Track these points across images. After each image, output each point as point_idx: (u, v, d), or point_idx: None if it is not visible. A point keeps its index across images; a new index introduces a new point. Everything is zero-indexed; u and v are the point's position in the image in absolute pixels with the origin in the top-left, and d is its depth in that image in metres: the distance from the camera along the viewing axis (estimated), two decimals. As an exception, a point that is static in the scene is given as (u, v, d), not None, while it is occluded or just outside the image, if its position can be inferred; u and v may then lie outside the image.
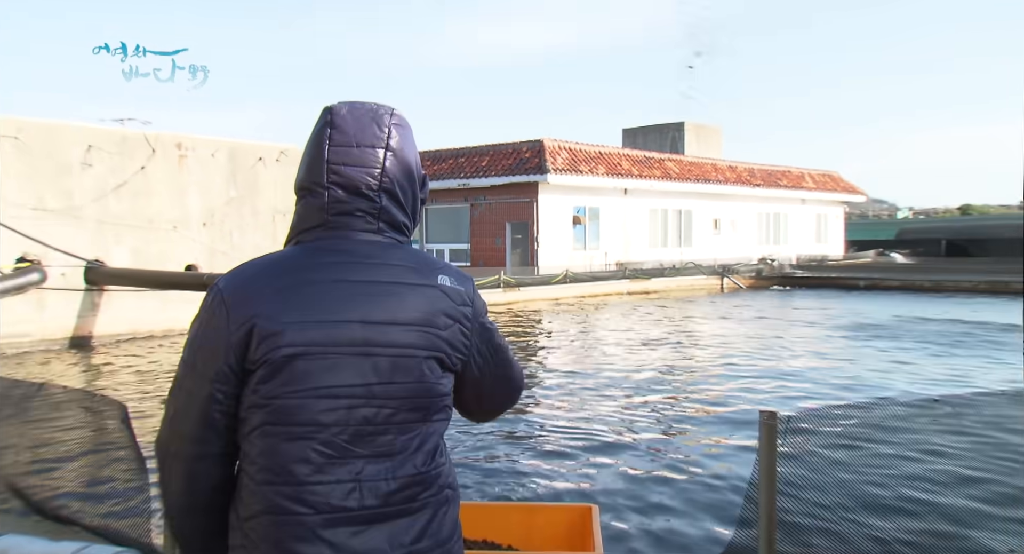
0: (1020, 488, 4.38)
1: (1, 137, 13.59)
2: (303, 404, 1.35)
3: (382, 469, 1.37)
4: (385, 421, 1.37)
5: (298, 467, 1.34)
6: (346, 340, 1.36)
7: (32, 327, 13.97)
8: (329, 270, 1.40)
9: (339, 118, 1.45)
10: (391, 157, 1.45)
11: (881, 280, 27.29)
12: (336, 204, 1.43)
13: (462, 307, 1.46)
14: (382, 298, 1.39)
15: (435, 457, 1.44)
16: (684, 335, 15.57)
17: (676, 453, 6.75)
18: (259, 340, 1.35)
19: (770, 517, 2.44)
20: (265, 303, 1.36)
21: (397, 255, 1.45)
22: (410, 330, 1.39)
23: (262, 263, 1.43)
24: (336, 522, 1.33)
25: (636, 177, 29.45)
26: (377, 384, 1.37)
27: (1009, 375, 10.65)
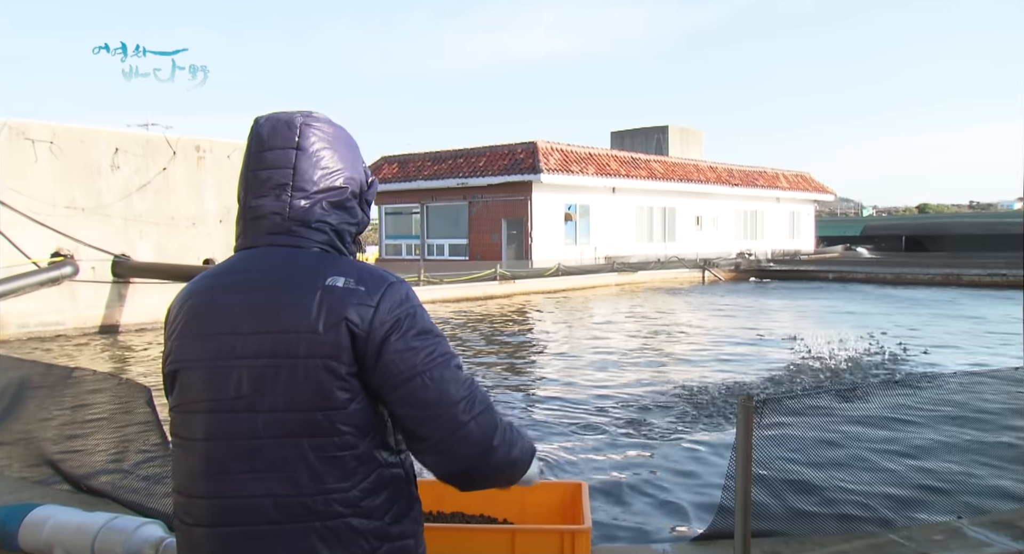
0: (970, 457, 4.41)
1: (37, 142, 13.55)
2: (187, 418, 1.27)
3: (261, 487, 1.20)
4: (264, 435, 1.21)
5: (185, 479, 1.27)
6: (224, 352, 1.23)
7: (65, 316, 13.97)
8: (226, 280, 1.31)
9: (259, 127, 1.36)
10: (302, 156, 1.32)
11: (848, 273, 27.37)
12: (250, 210, 1.34)
13: (356, 306, 1.22)
14: (263, 305, 1.24)
15: (323, 480, 1.21)
16: (667, 322, 15.59)
17: (664, 432, 6.76)
18: (165, 354, 1.33)
19: (746, 495, 2.45)
20: (175, 316, 1.33)
21: (296, 261, 1.29)
22: (285, 337, 1.21)
23: (197, 277, 1.38)
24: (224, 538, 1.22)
25: (623, 177, 29.42)
26: (249, 396, 1.22)
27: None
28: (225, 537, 1.22)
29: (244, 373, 1.22)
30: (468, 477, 1.32)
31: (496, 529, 2.35)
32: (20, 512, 2.82)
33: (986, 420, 4.64)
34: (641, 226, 31.34)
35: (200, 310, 1.29)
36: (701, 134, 39.77)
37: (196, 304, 1.30)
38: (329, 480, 1.21)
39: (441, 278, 21.07)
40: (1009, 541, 2.74)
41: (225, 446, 1.22)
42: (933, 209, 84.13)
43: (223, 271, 1.33)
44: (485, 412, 1.31)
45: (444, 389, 1.26)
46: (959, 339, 12.79)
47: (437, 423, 1.25)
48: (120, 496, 3.44)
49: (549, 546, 2.20)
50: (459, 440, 1.26)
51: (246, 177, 1.35)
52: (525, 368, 10.68)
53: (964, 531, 2.86)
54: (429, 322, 1.31)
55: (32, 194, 13.47)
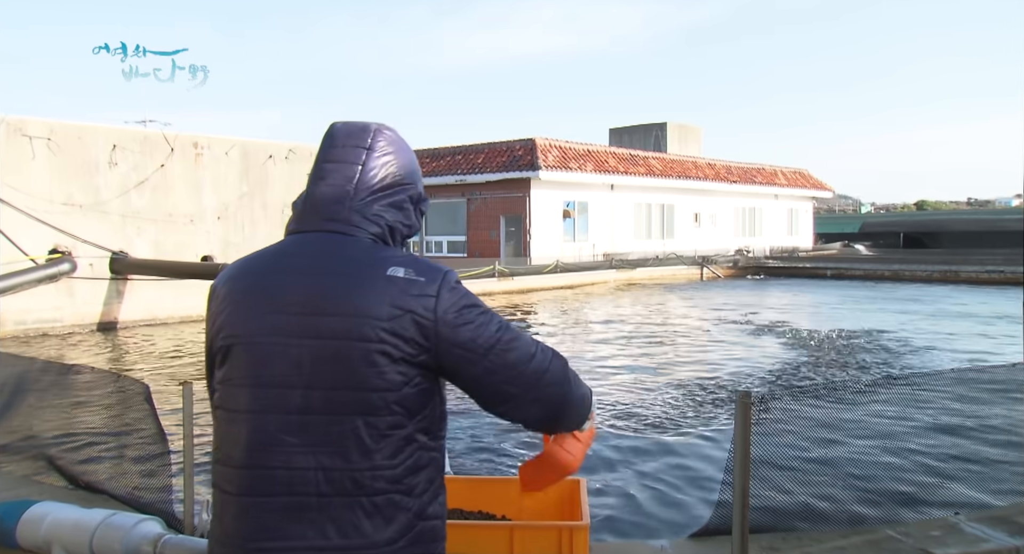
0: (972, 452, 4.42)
1: (35, 138, 13.53)
2: (239, 391, 1.32)
3: (310, 460, 1.27)
4: (316, 411, 1.27)
5: (234, 451, 1.31)
6: (280, 330, 1.30)
7: (64, 313, 13.96)
8: (281, 262, 1.37)
9: (335, 129, 1.49)
10: (371, 155, 1.44)
11: (846, 270, 27.39)
12: (312, 196, 1.43)
13: (418, 296, 1.30)
14: (322, 288, 1.31)
15: (373, 457, 1.28)
16: (665, 319, 15.60)
17: (661, 429, 6.77)
18: (216, 330, 1.37)
19: (744, 491, 2.45)
20: (225, 295, 1.38)
21: (353, 248, 1.37)
22: (346, 320, 1.28)
23: (244, 258, 1.44)
24: (265, 507, 1.27)
25: (622, 173, 29.41)
26: (309, 375, 1.28)
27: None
28: (271, 507, 1.27)
29: (304, 351, 1.28)
30: (560, 413, 1.47)
31: (494, 525, 2.35)
32: (18, 509, 2.82)
33: (983, 416, 4.65)
34: (639, 223, 31.34)
35: (257, 289, 1.35)
36: (700, 131, 39.78)
37: (252, 284, 1.36)
38: (378, 457, 1.28)
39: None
40: (1006, 537, 2.75)
41: (278, 419, 1.28)
42: (931, 206, 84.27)
43: (277, 252, 1.40)
44: (554, 355, 1.46)
45: (519, 347, 1.39)
46: (955, 334, 12.81)
47: (525, 377, 1.38)
48: (118, 492, 3.44)
49: (547, 542, 2.20)
50: (547, 383, 1.41)
51: (315, 168, 1.46)
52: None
53: (961, 527, 2.87)
54: (479, 302, 1.42)
55: (30, 191, 13.45)
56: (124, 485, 3.56)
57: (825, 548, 2.70)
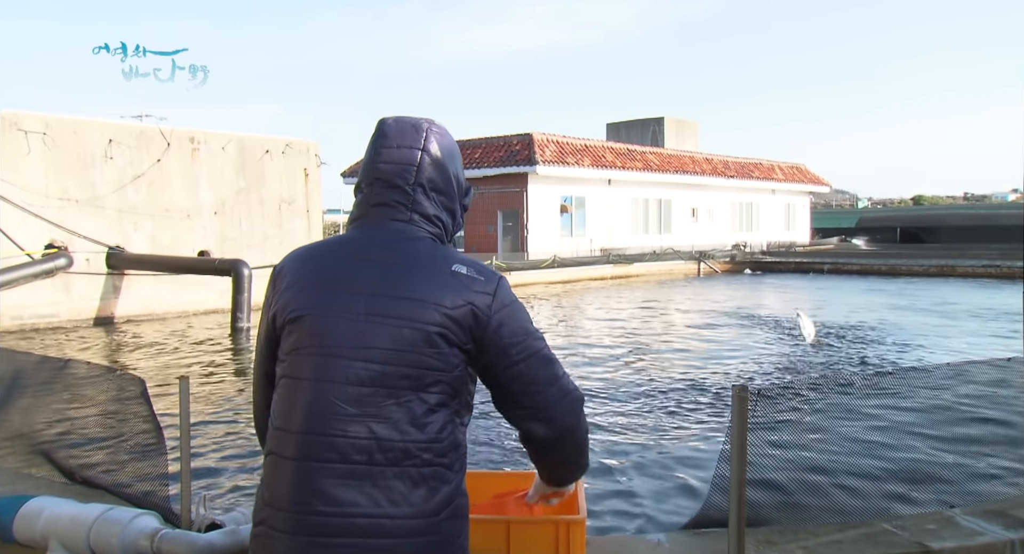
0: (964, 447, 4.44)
1: (30, 133, 13.49)
2: (307, 360, 1.40)
3: (366, 429, 1.36)
4: (375, 383, 1.37)
5: (294, 417, 1.39)
6: (349, 307, 1.40)
7: (60, 308, 13.94)
8: (351, 249, 1.48)
9: (386, 126, 1.55)
10: (426, 157, 1.52)
11: (843, 264, 27.43)
12: (376, 195, 1.52)
13: (479, 293, 1.45)
14: (391, 275, 1.43)
15: (424, 430, 1.39)
16: (662, 314, 15.61)
17: (658, 423, 6.78)
18: (283, 306, 1.46)
19: (741, 484, 2.46)
20: (293, 273, 1.49)
21: (419, 244, 1.49)
22: (413, 303, 1.40)
23: (309, 245, 1.56)
24: (320, 472, 1.35)
25: (619, 168, 29.40)
26: (372, 350, 1.38)
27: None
28: (326, 473, 1.34)
29: (371, 327, 1.39)
30: (563, 442, 1.56)
31: (491, 519, 2.35)
32: (14, 504, 2.82)
33: (978, 409, 4.67)
34: (637, 218, 31.34)
35: (330, 270, 1.45)
36: (697, 126, 39.76)
37: (324, 266, 1.47)
38: (429, 430, 1.39)
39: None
40: (1001, 530, 2.76)
41: (340, 389, 1.37)
42: (928, 201, 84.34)
43: (347, 241, 1.50)
44: (576, 389, 1.56)
45: (550, 368, 1.51)
46: (952, 328, 12.84)
47: (547, 394, 1.49)
48: (115, 487, 3.44)
49: (544, 537, 2.20)
50: (563, 409, 1.52)
51: (372, 167, 1.53)
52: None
53: (957, 520, 2.88)
54: (527, 312, 1.54)
55: (25, 185, 13.41)
56: (121, 480, 3.55)
57: (822, 541, 2.71)
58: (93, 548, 2.55)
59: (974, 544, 2.68)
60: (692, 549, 2.75)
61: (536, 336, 1.51)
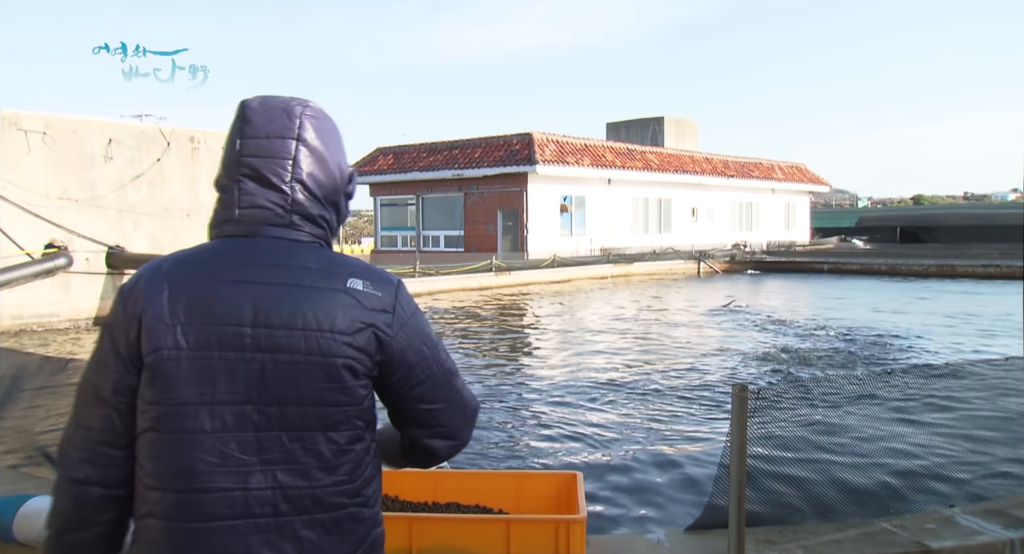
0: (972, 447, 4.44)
1: (30, 132, 13.49)
2: (186, 410, 1.20)
3: (268, 479, 1.19)
4: (274, 428, 1.20)
5: (179, 474, 1.19)
6: (232, 344, 1.20)
7: (59, 308, 13.94)
8: (224, 268, 1.25)
9: (250, 111, 1.31)
10: (303, 148, 1.30)
11: (843, 264, 27.44)
12: (246, 197, 1.29)
13: (378, 312, 1.26)
14: (277, 300, 1.22)
15: (335, 473, 1.23)
16: (662, 313, 15.61)
17: (658, 422, 6.78)
18: (145, 339, 1.22)
19: (740, 484, 2.46)
20: (155, 300, 1.22)
21: (303, 256, 1.27)
22: (308, 335, 1.21)
23: (168, 259, 1.29)
24: (221, 531, 1.19)
25: (619, 168, 29.40)
26: (266, 391, 1.20)
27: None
28: (225, 531, 1.19)
29: (261, 366, 1.20)
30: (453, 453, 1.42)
31: (491, 519, 2.35)
32: (15, 503, 2.81)
33: (977, 409, 4.67)
34: (636, 217, 31.34)
35: (205, 298, 1.22)
36: (697, 125, 39.74)
37: (194, 291, 1.23)
38: (339, 472, 1.24)
39: (436, 270, 21.06)
40: (1001, 529, 2.76)
41: (234, 438, 1.19)
42: (928, 200, 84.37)
43: (224, 257, 1.27)
44: (473, 397, 1.42)
45: (453, 384, 1.37)
46: (951, 328, 12.84)
47: (452, 413, 1.36)
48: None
49: (544, 536, 2.20)
50: (464, 423, 1.39)
51: (238, 162, 1.30)
52: (520, 359, 10.69)
53: (956, 519, 2.88)
54: (426, 319, 1.37)
55: (25, 185, 13.41)
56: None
57: (821, 541, 2.71)
58: (93, 548, 2.55)
59: (974, 543, 2.68)
60: (692, 548, 2.75)
61: (439, 348, 1.35)
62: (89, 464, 1.25)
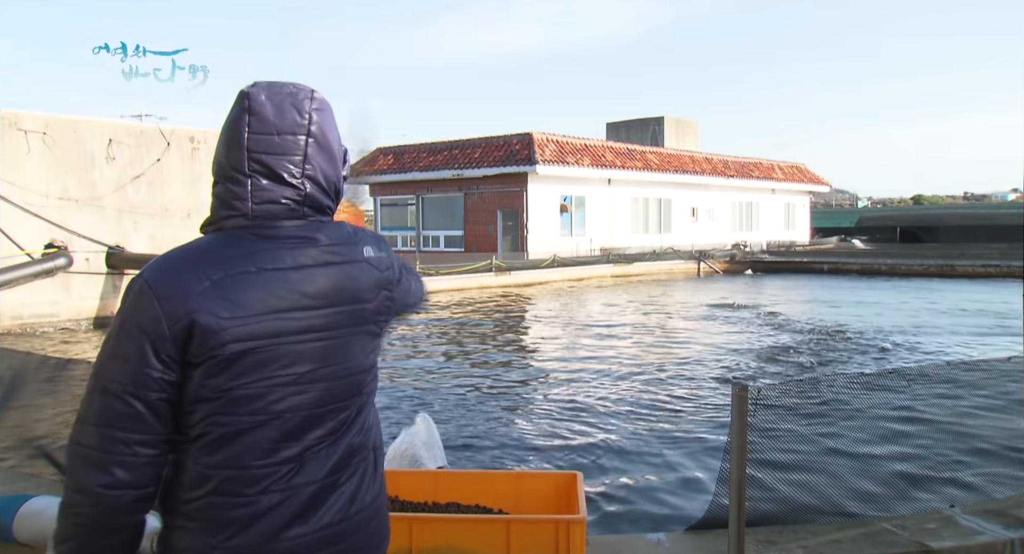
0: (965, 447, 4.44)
1: (30, 132, 13.48)
2: (254, 395, 1.25)
3: (324, 446, 1.32)
4: (329, 402, 1.32)
5: (249, 454, 1.26)
6: (286, 330, 1.27)
7: (60, 308, 13.94)
8: (260, 260, 1.28)
9: (257, 104, 1.31)
10: (313, 143, 1.33)
11: (843, 264, 27.44)
12: (260, 193, 1.30)
13: (386, 272, 1.42)
14: (313, 282, 1.30)
15: (365, 423, 1.41)
16: (662, 313, 15.61)
17: (657, 422, 6.78)
18: (201, 337, 1.22)
19: (740, 484, 2.46)
20: (202, 297, 1.22)
21: (322, 235, 1.35)
22: (342, 311, 1.33)
23: (191, 253, 1.29)
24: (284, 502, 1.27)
25: (619, 168, 29.39)
26: (320, 368, 1.31)
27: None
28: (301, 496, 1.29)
29: (316, 347, 1.31)
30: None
31: (492, 519, 2.35)
32: (15, 503, 2.81)
33: (977, 409, 4.67)
34: (636, 217, 31.33)
35: (251, 290, 1.26)
36: (697, 125, 39.74)
37: (242, 285, 1.25)
38: (367, 423, 1.41)
39: (436, 269, 21.06)
40: (1001, 529, 2.76)
41: (302, 416, 1.30)
42: (928, 200, 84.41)
43: (255, 251, 1.29)
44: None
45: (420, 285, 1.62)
46: (950, 327, 12.84)
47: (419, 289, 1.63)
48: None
49: (544, 536, 2.20)
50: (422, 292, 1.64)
51: (248, 158, 1.30)
52: (519, 359, 10.68)
53: (956, 519, 2.88)
54: None
55: (25, 185, 13.41)
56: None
57: (822, 541, 2.71)
58: (93, 548, 2.55)
59: (974, 543, 2.68)
60: (692, 548, 2.75)
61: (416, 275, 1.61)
62: (119, 466, 1.22)
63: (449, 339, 12.53)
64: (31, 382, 4.32)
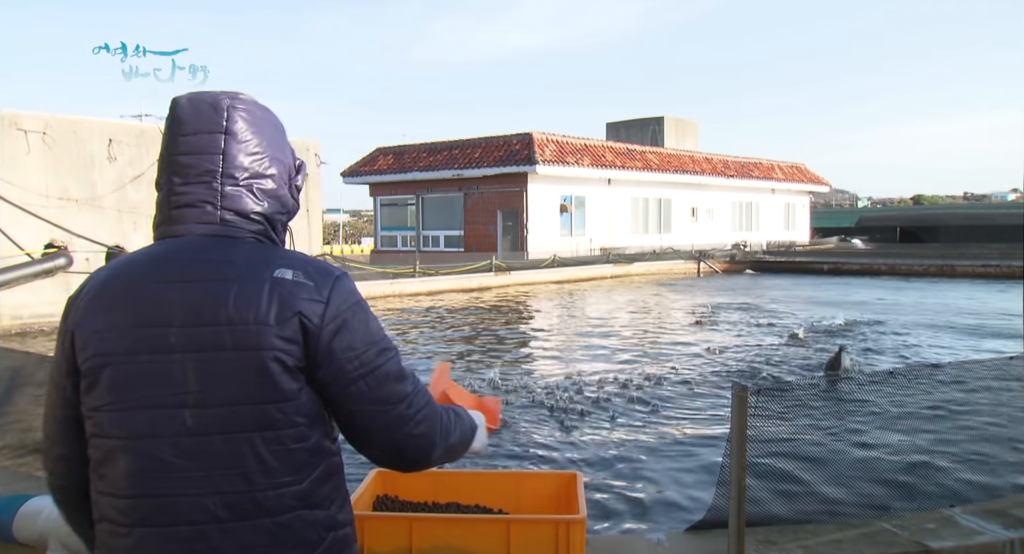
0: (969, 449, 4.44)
1: (30, 132, 13.50)
2: (120, 416, 1.18)
3: (208, 485, 1.16)
4: (210, 431, 1.16)
5: (121, 480, 1.18)
6: (159, 346, 1.18)
7: (59, 308, 13.58)
8: (151, 269, 1.22)
9: (180, 109, 1.28)
10: (232, 142, 1.26)
11: (843, 264, 27.45)
12: (175, 197, 1.26)
13: (308, 301, 1.19)
14: (199, 298, 1.18)
15: (277, 476, 1.18)
16: (663, 313, 15.61)
17: (657, 423, 6.78)
18: (79, 349, 1.22)
19: (740, 484, 2.46)
20: (84, 310, 1.23)
21: (231, 251, 1.24)
22: (232, 329, 1.17)
23: (110, 264, 1.29)
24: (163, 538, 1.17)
25: (619, 168, 29.41)
26: (195, 391, 1.17)
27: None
28: (171, 537, 1.17)
29: (189, 367, 1.17)
30: (411, 467, 1.35)
31: (491, 519, 2.35)
32: (14, 503, 2.81)
33: (978, 409, 4.67)
34: (636, 217, 31.35)
35: (129, 301, 1.20)
36: (697, 125, 39.76)
37: (122, 296, 1.21)
38: (282, 474, 1.19)
39: (436, 270, 21.06)
40: (1001, 529, 2.76)
41: (168, 443, 1.17)
42: (928, 201, 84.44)
43: (150, 259, 1.25)
44: (428, 406, 1.31)
45: (392, 387, 1.26)
46: (950, 327, 12.84)
47: (387, 419, 1.26)
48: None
49: (544, 536, 2.20)
50: (406, 435, 1.27)
51: (168, 161, 1.28)
52: (520, 358, 10.69)
53: (956, 519, 2.88)
54: (373, 317, 1.29)
55: (25, 185, 13.42)
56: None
57: (822, 541, 2.71)
58: (93, 548, 2.55)
59: (974, 543, 2.68)
60: (692, 549, 2.75)
61: (382, 346, 1.26)
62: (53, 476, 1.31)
63: (448, 339, 12.54)
64: (30, 382, 4.32)
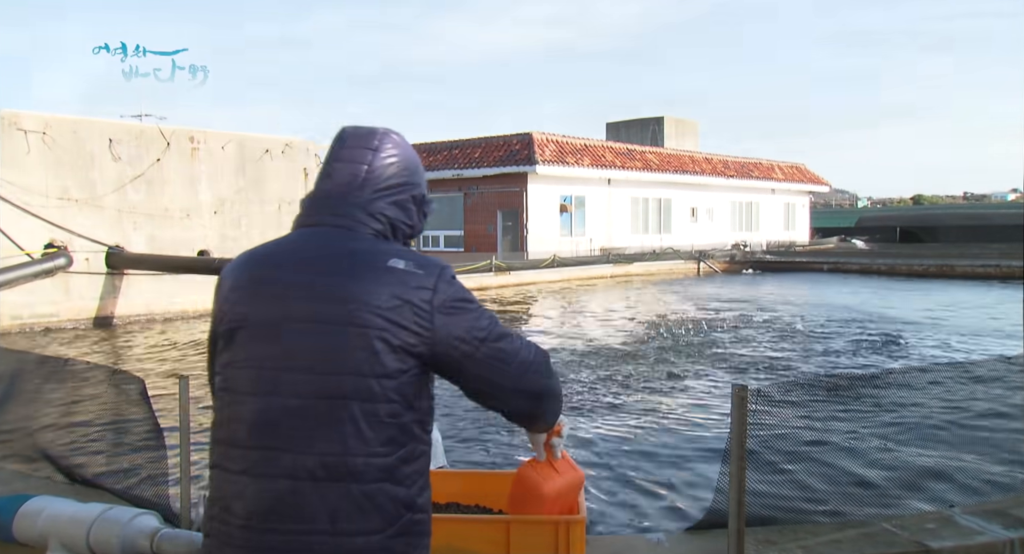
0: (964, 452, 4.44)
1: (30, 132, 13.48)
2: (240, 374, 1.37)
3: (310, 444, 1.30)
4: (317, 396, 1.32)
5: (239, 431, 1.35)
6: (282, 315, 1.36)
7: (59, 308, 13.93)
8: (286, 253, 1.44)
9: (344, 132, 1.55)
10: (376, 157, 1.50)
11: (843, 264, 27.44)
12: (320, 192, 1.50)
13: (417, 289, 1.36)
14: (323, 277, 1.36)
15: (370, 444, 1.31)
16: (663, 313, 15.60)
17: (657, 423, 6.78)
18: (220, 315, 1.44)
19: (740, 485, 2.46)
20: (231, 283, 1.45)
21: (357, 241, 1.43)
22: (348, 307, 1.33)
23: (251, 249, 1.51)
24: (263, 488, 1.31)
25: (619, 168, 29.40)
26: (309, 358, 1.32)
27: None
28: (273, 488, 1.30)
29: (307, 337, 1.33)
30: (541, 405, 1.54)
31: (491, 519, 2.35)
32: (15, 503, 2.81)
33: (978, 409, 4.67)
34: (636, 217, 31.34)
35: (263, 277, 1.41)
36: (697, 125, 39.74)
37: (258, 272, 1.42)
38: (374, 444, 1.32)
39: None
40: (1001, 529, 2.76)
41: (281, 402, 1.32)
42: (928, 201, 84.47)
43: (283, 244, 1.46)
44: (537, 350, 1.52)
45: (507, 347, 1.44)
46: (951, 327, 12.84)
47: (513, 370, 1.44)
48: (114, 487, 3.44)
49: (544, 536, 2.20)
50: (532, 375, 1.47)
51: (324, 167, 1.52)
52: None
53: (956, 519, 2.88)
54: (473, 297, 1.47)
55: (25, 185, 13.41)
56: (121, 479, 3.56)
57: (821, 541, 2.71)
58: (93, 547, 2.55)
59: (973, 543, 2.68)
60: (692, 549, 2.75)
61: (485, 317, 1.43)
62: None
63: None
64: (30, 382, 4.32)
